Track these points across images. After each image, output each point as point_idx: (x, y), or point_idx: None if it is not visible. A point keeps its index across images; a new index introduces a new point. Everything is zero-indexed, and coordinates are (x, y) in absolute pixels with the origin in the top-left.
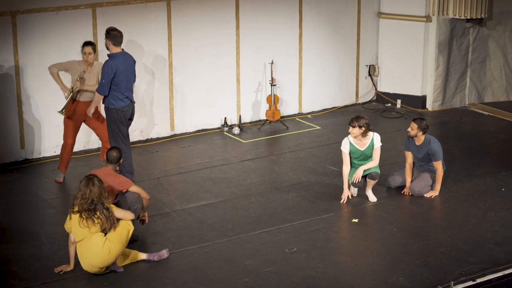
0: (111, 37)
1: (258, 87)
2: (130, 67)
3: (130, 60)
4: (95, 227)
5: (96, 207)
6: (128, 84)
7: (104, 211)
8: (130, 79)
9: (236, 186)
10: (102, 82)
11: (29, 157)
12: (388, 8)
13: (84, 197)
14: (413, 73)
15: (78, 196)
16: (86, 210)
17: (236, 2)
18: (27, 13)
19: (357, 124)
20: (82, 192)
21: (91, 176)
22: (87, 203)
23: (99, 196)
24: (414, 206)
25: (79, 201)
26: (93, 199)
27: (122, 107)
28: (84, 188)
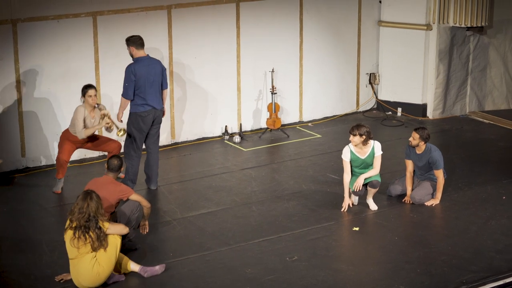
0: (132, 42)
1: (259, 95)
2: (155, 72)
3: (155, 65)
4: (86, 247)
5: (90, 224)
6: (151, 90)
7: (96, 230)
8: (154, 84)
9: (236, 194)
10: (124, 86)
11: (29, 165)
12: (389, 16)
13: (81, 212)
14: (413, 81)
15: (75, 210)
16: (82, 226)
17: (236, 10)
18: (28, 21)
19: (358, 133)
20: (80, 206)
21: (89, 191)
22: (84, 218)
23: (95, 211)
24: (415, 215)
25: (76, 215)
26: (89, 213)
27: (140, 112)
28: (82, 202)
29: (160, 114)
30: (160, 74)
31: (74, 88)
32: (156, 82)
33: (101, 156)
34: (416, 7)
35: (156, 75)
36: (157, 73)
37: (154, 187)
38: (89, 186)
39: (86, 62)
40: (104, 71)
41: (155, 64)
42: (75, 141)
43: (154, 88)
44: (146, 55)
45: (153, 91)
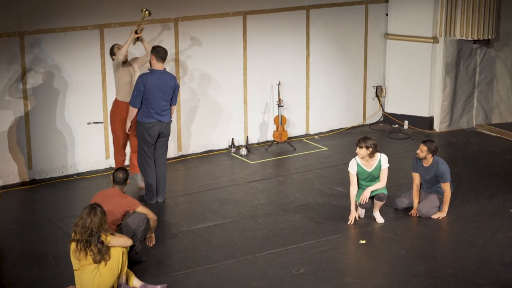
0: (155, 51)
1: (265, 108)
2: (166, 86)
3: (167, 80)
4: (87, 259)
5: (92, 239)
6: (159, 103)
7: (97, 244)
8: (164, 98)
9: (243, 207)
10: (133, 93)
11: (36, 177)
12: (395, 29)
13: (84, 226)
14: (420, 94)
15: (79, 224)
16: (84, 240)
17: (243, 22)
18: (35, 33)
19: (364, 145)
20: (83, 221)
21: (95, 205)
22: (86, 233)
23: (98, 227)
24: (422, 228)
25: (79, 229)
26: (92, 229)
27: (145, 123)
28: (86, 216)
29: (166, 127)
30: (172, 90)
31: (81, 100)
32: (165, 96)
33: (107, 169)
34: (423, 20)
35: (167, 89)
36: (168, 88)
37: (161, 200)
38: (96, 199)
39: (93, 74)
40: (111, 84)
41: (168, 80)
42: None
43: (163, 102)
44: (163, 68)
45: (161, 105)
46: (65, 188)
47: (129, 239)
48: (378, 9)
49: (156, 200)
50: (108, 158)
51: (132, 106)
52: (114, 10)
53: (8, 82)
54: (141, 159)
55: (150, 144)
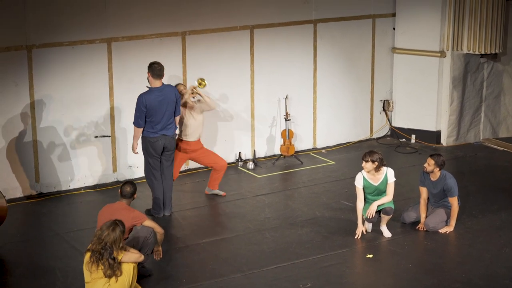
0: (151, 69)
1: (273, 121)
2: (167, 101)
3: (168, 94)
4: (98, 273)
5: (104, 253)
6: (163, 118)
7: (109, 259)
8: (166, 113)
9: (250, 221)
10: (135, 115)
11: (43, 191)
12: (403, 43)
13: (100, 238)
14: (427, 108)
15: (97, 234)
16: (97, 251)
17: (251, 36)
18: (42, 47)
19: (370, 159)
20: (101, 232)
21: (117, 222)
22: (100, 245)
23: (112, 242)
24: (429, 242)
25: (95, 239)
26: (106, 243)
27: (150, 137)
28: (105, 229)
29: (171, 141)
30: (174, 102)
31: (89, 113)
32: (168, 111)
33: (114, 182)
34: (430, 34)
35: (169, 104)
36: (170, 102)
37: (168, 213)
38: (103, 212)
39: (101, 88)
40: (119, 97)
41: (169, 93)
42: (184, 149)
43: (166, 116)
44: (162, 84)
45: (165, 119)
46: (72, 202)
47: (141, 255)
48: (385, 23)
49: (163, 213)
50: (115, 171)
51: (136, 126)
52: (122, 24)
53: (16, 96)
54: (148, 172)
55: (156, 158)
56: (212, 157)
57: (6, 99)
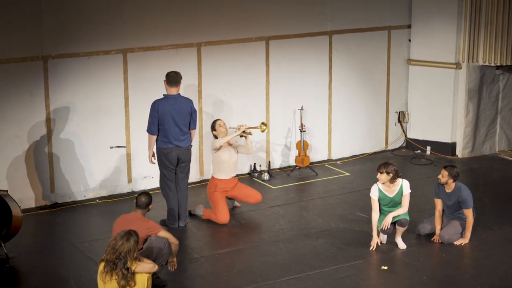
0: (167, 77)
1: (288, 133)
2: (181, 111)
3: (182, 105)
4: (111, 283)
5: (118, 263)
6: (175, 128)
7: (122, 270)
8: (179, 123)
9: (264, 232)
10: (148, 121)
11: (58, 201)
12: (418, 55)
13: (114, 247)
14: (442, 120)
15: (111, 244)
16: (111, 261)
17: (266, 47)
18: (58, 57)
19: (385, 170)
20: (115, 242)
21: (132, 232)
22: (114, 255)
23: (126, 252)
24: (444, 254)
25: (110, 249)
26: (120, 253)
27: (163, 148)
28: (119, 238)
29: (186, 153)
30: (188, 115)
31: (104, 124)
32: (182, 121)
33: (130, 193)
34: (446, 46)
35: (183, 114)
36: (184, 113)
37: (182, 224)
38: (118, 223)
39: (116, 98)
40: (134, 108)
41: (183, 104)
42: (223, 188)
43: (180, 126)
44: (178, 93)
45: (177, 130)
46: (87, 212)
47: (155, 266)
48: (400, 34)
49: (178, 224)
50: (130, 182)
51: (149, 133)
52: (138, 35)
53: (31, 106)
54: (163, 183)
55: (170, 169)
56: (247, 191)
57: (21, 109)
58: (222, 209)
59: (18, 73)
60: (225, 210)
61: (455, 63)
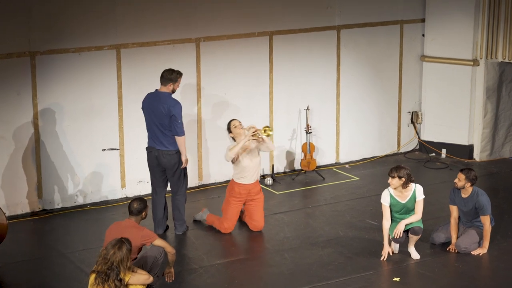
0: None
1: (293, 134)
2: (155, 110)
3: (156, 103)
4: None
5: (111, 274)
6: (153, 127)
7: (115, 281)
8: (156, 123)
9: (268, 241)
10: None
11: (47, 207)
12: (433, 51)
13: (105, 257)
14: (459, 120)
15: (102, 254)
16: (103, 272)
17: (269, 43)
18: (47, 54)
19: (397, 175)
20: (106, 251)
21: (124, 240)
22: (106, 265)
23: (119, 262)
24: (460, 264)
25: (100, 259)
26: (113, 262)
27: (147, 146)
28: (110, 248)
29: (165, 157)
30: (164, 115)
31: (96, 125)
32: (158, 120)
33: (123, 198)
34: (462, 41)
35: (157, 113)
36: (158, 112)
37: (178, 232)
38: (110, 231)
39: (109, 98)
40: (128, 108)
41: (158, 102)
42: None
43: (157, 126)
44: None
45: (155, 129)
46: (78, 219)
47: (150, 277)
48: (414, 29)
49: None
50: (124, 187)
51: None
52: (132, 29)
53: (18, 106)
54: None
55: (152, 170)
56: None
57: (7, 109)
58: (230, 217)
59: (3, 70)
60: (233, 218)
61: (473, 59)
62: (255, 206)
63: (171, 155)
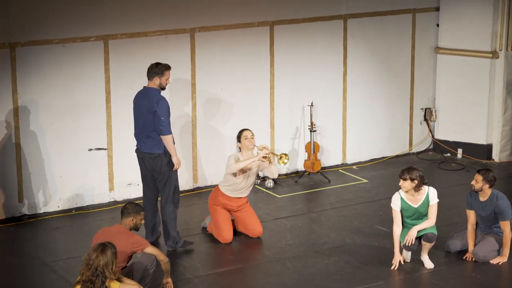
0: None
1: (296, 133)
2: (140, 107)
3: (141, 99)
4: None
5: (96, 281)
6: (138, 125)
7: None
8: (142, 121)
9: (268, 248)
10: None
11: (28, 212)
12: (448, 42)
13: (88, 263)
14: (476, 118)
15: (84, 260)
16: (88, 281)
17: (270, 34)
18: (28, 45)
19: (409, 177)
20: (89, 257)
21: (108, 243)
22: (90, 271)
23: (103, 267)
24: (478, 274)
25: (83, 266)
26: (96, 268)
27: (135, 148)
28: (92, 252)
29: (150, 161)
30: (148, 113)
31: (82, 123)
32: (142, 118)
33: (111, 202)
34: (480, 32)
35: (141, 111)
36: (142, 109)
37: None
38: (98, 236)
39: (96, 93)
40: (117, 104)
41: (143, 98)
42: (226, 205)
43: (142, 125)
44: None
45: (140, 128)
46: (62, 225)
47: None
48: (427, 18)
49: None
50: (112, 190)
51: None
52: (121, 18)
53: None
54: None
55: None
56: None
57: None
58: (224, 226)
59: None
60: (227, 227)
61: (491, 51)
62: (245, 212)
63: (153, 158)
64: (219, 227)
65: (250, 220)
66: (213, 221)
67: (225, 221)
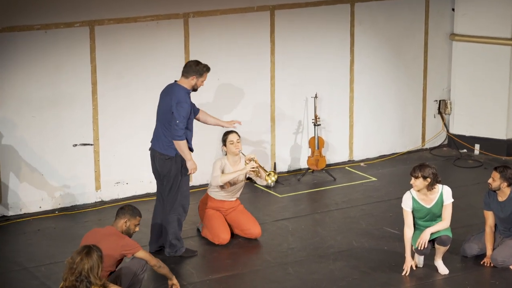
0: None
1: (298, 127)
2: (162, 103)
3: (164, 95)
4: None
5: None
6: (157, 123)
7: None
8: (162, 118)
9: (269, 252)
10: None
11: (7, 213)
12: (464, 28)
13: (71, 267)
14: (495, 111)
15: (67, 264)
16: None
17: (271, 19)
18: (7, 31)
19: (421, 175)
20: (72, 261)
21: (92, 246)
22: (73, 275)
23: (88, 271)
24: (497, 281)
25: (66, 271)
26: (80, 272)
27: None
28: (76, 255)
29: (159, 161)
30: (168, 111)
31: (65, 117)
32: (162, 115)
33: (98, 202)
34: (499, 17)
35: (162, 107)
36: (163, 106)
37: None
38: (87, 238)
39: (81, 84)
40: (104, 96)
41: (169, 95)
42: (217, 208)
43: (159, 122)
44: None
45: (158, 124)
46: (44, 227)
47: None
48: (441, 2)
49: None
50: (98, 189)
51: None
52: (108, 2)
53: None
54: None
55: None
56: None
57: None
58: (219, 226)
59: None
60: (223, 227)
61: (511, 38)
62: (238, 213)
63: (164, 160)
64: (215, 227)
65: (245, 220)
66: (207, 225)
67: (220, 221)
